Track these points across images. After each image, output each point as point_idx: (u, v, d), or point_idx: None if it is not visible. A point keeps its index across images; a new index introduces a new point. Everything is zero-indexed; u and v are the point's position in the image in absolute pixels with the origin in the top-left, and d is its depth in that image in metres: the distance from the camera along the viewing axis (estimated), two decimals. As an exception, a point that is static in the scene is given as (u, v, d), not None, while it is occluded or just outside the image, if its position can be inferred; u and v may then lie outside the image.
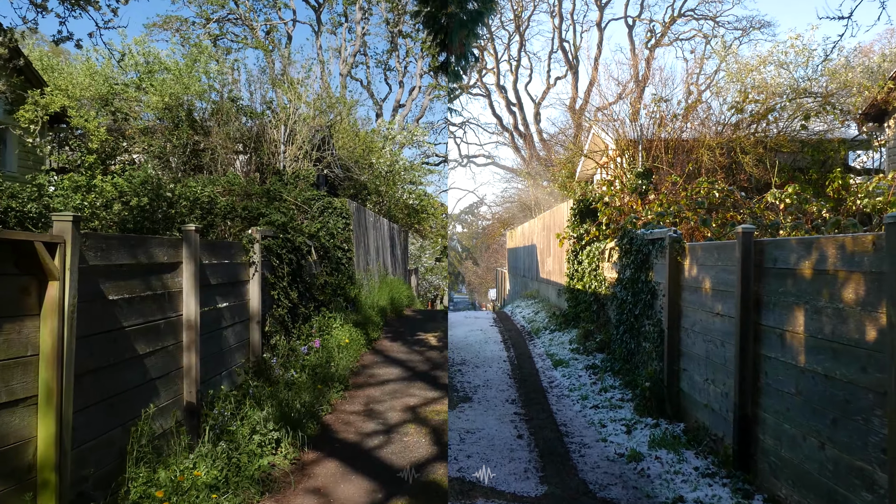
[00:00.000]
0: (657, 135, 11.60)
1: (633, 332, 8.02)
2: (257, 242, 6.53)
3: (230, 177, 9.50)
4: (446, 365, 8.79)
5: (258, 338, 6.53)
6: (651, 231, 7.47)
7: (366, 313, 10.65)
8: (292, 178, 10.20)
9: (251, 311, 6.48)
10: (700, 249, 5.94)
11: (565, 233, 12.02)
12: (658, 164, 11.18)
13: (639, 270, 7.87)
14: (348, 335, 9.05)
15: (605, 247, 10.44)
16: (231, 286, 5.94)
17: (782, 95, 11.73)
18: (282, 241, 7.50)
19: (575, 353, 9.49)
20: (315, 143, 12.49)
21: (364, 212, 14.15)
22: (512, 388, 7.98)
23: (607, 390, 7.58)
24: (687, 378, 6.15)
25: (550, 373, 8.74)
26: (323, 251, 10.33)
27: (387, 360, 9.03)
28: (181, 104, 10.87)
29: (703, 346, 5.73)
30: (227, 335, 5.77)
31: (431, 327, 12.00)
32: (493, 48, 39.68)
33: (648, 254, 7.60)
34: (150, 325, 4.29)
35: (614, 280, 9.61)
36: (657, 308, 7.19)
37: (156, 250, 4.39)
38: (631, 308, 8.11)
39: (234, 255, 6.06)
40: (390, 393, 7.34)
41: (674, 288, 6.53)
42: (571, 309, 11.51)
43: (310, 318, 8.72)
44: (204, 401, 5.00)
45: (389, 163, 19.31)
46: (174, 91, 10.40)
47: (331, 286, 10.10)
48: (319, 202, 11.15)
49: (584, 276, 11.37)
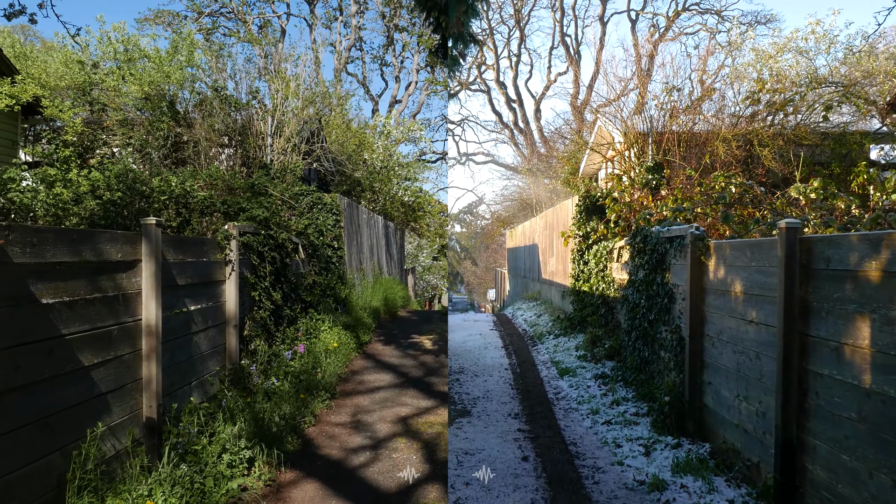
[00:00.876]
0: (668, 126, 11.04)
1: (647, 339, 7.46)
2: (234, 239, 5.94)
3: (212, 170, 8.91)
4: (442, 370, 8.22)
5: (235, 343, 5.95)
6: (668, 228, 6.91)
7: (357, 315, 10.07)
8: (279, 173, 9.61)
9: (227, 314, 5.90)
10: (728, 248, 5.37)
11: (570, 231, 11.46)
12: (670, 157, 10.63)
13: (654, 271, 7.31)
14: (337, 338, 8.48)
15: (613, 246, 9.89)
16: (203, 287, 5.36)
17: (801, 85, 11.18)
18: (263, 237, 6.91)
19: (582, 361, 8.92)
20: (304, 135, 11.91)
21: (357, 208, 13.57)
22: (515, 400, 7.41)
23: (619, 403, 7.02)
24: (712, 392, 5.59)
25: (556, 382, 8.17)
26: (311, 249, 9.75)
27: (378, 365, 8.46)
28: (162, 94, 10.26)
29: (732, 358, 5.16)
30: (197, 341, 5.18)
31: (427, 329, 11.43)
32: (492, 43, 39.20)
33: (665, 253, 7.05)
34: (98, 332, 3.70)
35: (624, 282, 9.05)
36: (675, 313, 6.63)
37: (107, 246, 3.80)
38: (644, 313, 7.55)
39: (206, 252, 5.47)
40: (381, 402, 6.77)
41: (696, 291, 5.96)
42: (577, 312, 10.95)
43: (296, 320, 8.14)
44: (167, 416, 4.41)
45: (384, 158, 18.72)
46: (153, 79, 9.80)
47: (319, 286, 9.52)
48: (308, 198, 10.56)
49: (590, 278, 10.82)
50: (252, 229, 6.68)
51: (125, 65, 10.46)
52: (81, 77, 10.06)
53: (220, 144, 11.09)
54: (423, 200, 22.87)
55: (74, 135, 9.92)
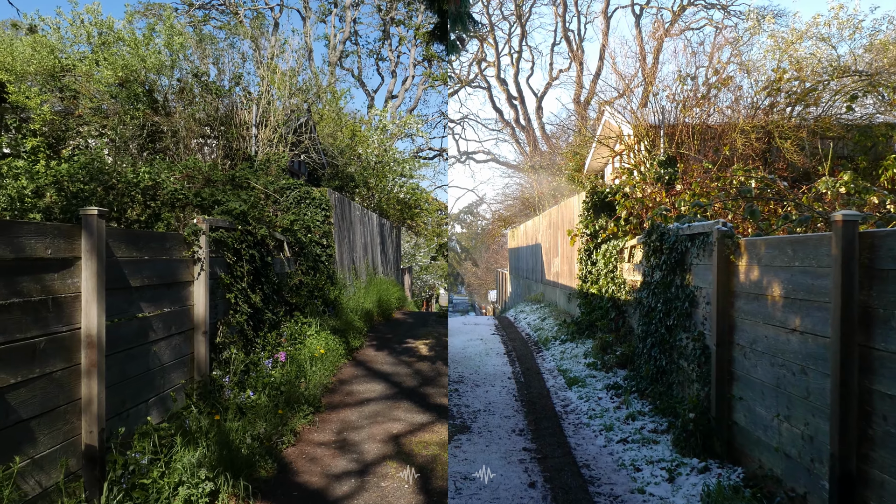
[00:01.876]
0: (681, 118, 10.45)
1: (665, 347, 6.86)
2: (203, 234, 5.33)
3: (189, 161, 8.31)
4: (439, 380, 7.62)
5: (205, 352, 5.34)
6: (689, 225, 6.30)
7: (347, 318, 9.46)
8: (263, 164, 9.02)
9: (195, 319, 5.29)
10: (764, 246, 4.77)
11: (577, 229, 10.87)
12: (684, 150, 10.03)
13: (672, 272, 6.72)
14: (325, 344, 7.87)
15: (623, 245, 9.29)
16: (165, 289, 4.75)
17: (823, 73, 10.59)
18: (240, 233, 6.31)
19: (591, 370, 8.32)
20: (292, 126, 11.31)
21: (349, 204, 12.96)
22: (519, 414, 6.80)
23: (635, 418, 6.42)
24: (744, 409, 4.99)
25: (564, 393, 7.57)
26: (298, 247, 9.15)
27: (369, 373, 7.85)
28: (138, 80, 9.65)
29: (769, 372, 4.56)
30: (157, 351, 4.57)
31: (423, 333, 10.82)
32: (493, 39, 38.64)
33: (685, 252, 6.45)
34: (17, 345, 3.09)
35: (637, 284, 8.45)
36: (697, 319, 6.03)
37: (30, 241, 3.19)
38: (661, 318, 6.95)
39: (169, 249, 4.86)
40: (370, 416, 6.17)
41: (723, 295, 5.37)
42: (585, 316, 10.35)
43: (279, 324, 7.54)
44: (113, 442, 3.80)
45: (379, 153, 18.10)
46: (128, 63, 9.19)
47: (307, 287, 8.92)
48: (295, 192, 9.96)
49: (598, 279, 10.22)
50: (227, 224, 6.07)
51: (99, 49, 9.85)
52: (50, 61, 9.44)
53: (203, 135, 10.47)
54: (419, 197, 22.25)
55: (43, 123, 9.30)
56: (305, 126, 12.24)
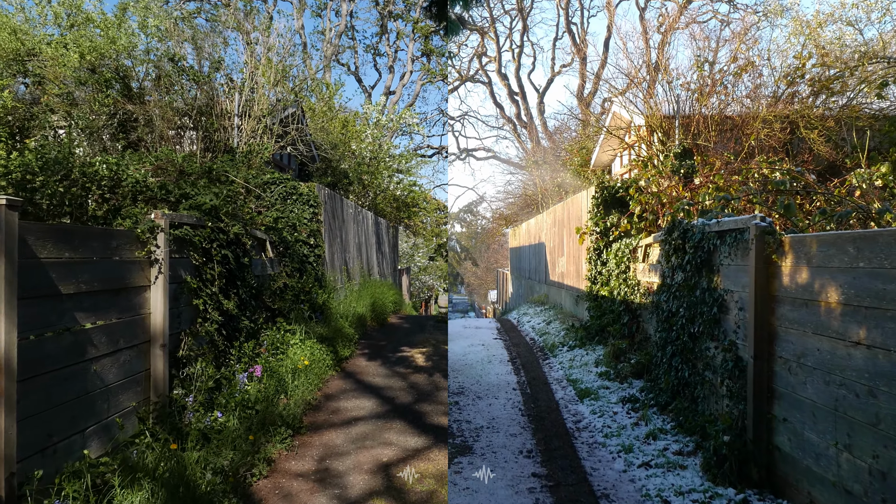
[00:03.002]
0: (699, 107, 9.79)
1: (688, 357, 6.20)
2: (162, 232, 4.67)
3: (161, 152, 7.65)
4: (437, 395, 6.96)
5: (163, 368, 4.67)
6: (718, 221, 5.64)
7: (336, 324, 8.80)
8: (244, 156, 8.36)
9: (152, 330, 4.62)
10: (817, 243, 4.10)
11: (586, 227, 10.21)
12: (702, 141, 9.37)
13: (697, 274, 6.06)
14: (309, 354, 7.21)
15: (637, 243, 8.64)
16: (110, 295, 4.08)
17: (849, 60, 9.92)
18: (210, 230, 5.64)
19: (604, 380, 7.65)
20: (279, 116, 10.65)
21: (341, 201, 12.30)
22: (526, 432, 6.14)
23: (656, 437, 5.76)
24: (788, 432, 4.33)
25: (575, 407, 6.90)
26: (283, 246, 8.49)
27: (359, 387, 7.18)
28: (112, 65, 8.99)
29: (823, 391, 3.91)
30: (99, 370, 3.91)
31: (420, 340, 10.16)
32: (494, 33, 38.00)
33: (712, 251, 5.80)
34: None
35: (653, 285, 7.80)
36: (728, 326, 5.37)
37: None
38: (684, 324, 6.29)
39: (116, 248, 4.20)
40: (357, 439, 5.51)
41: (762, 300, 4.71)
42: (594, 320, 9.68)
43: (258, 332, 6.87)
44: (28, 488, 3.13)
45: (374, 149, 17.42)
46: (96, 46, 8.53)
47: (292, 290, 8.26)
48: (281, 187, 9.30)
49: (609, 280, 9.55)
50: (194, 220, 5.40)
51: (67, 31, 9.19)
52: (13, 44, 8.77)
53: (182, 127, 9.80)
54: (416, 195, 21.58)
55: (5, 111, 8.61)
56: (293, 118, 11.58)
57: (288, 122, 11.07)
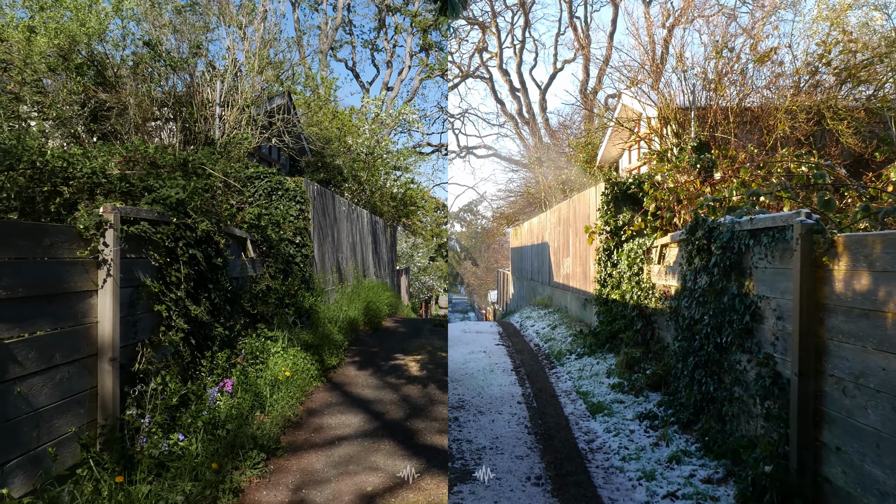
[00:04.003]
0: (717, 98, 9.18)
1: (713, 370, 5.59)
2: (111, 228, 4.05)
3: (132, 143, 7.05)
4: (433, 410, 6.35)
5: (113, 385, 4.06)
6: (752, 218, 5.02)
7: (324, 330, 8.18)
8: (223, 148, 7.75)
9: (100, 342, 4.01)
10: (881, 244, 3.49)
11: (595, 226, 9.59)
12: (721, 133, 8.76)
13: (725, 277, 5.45)
14: (292, 364, 6.60)
15: (652, 243, 8.03)
16: (42, 302, 3.47)
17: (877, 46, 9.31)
18: (175, 227, 5.02)
19: (617, 392, 7.03)
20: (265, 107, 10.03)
21: (333, 198, 11.67)
22: (534, 453, 5.52)
23: (680, 460, 5.15)
24: (843, 464, 3.72)
25: (587, 423, 6.28)
26: (266, 246, 7.89)
27: (346, 400, 6.57)
28: (79, 49, 8.37)
29: (891, 418, 3.29)
30: (25, 392, 3.30)
31: (415, 346, 9.54)
32: (495, 27, 37.37)
33: (743, 252, 5.19)
34: None
35: (671, 289, 7.19)
36: (763, 337, 4.77)
37: None
38: (709, 333, 5.68)
39: (51, 248, 3.59)
40: (341, 463, 4.89)
41: (809, 308, 4.09)
42: (604, 326, 9.06)
43: (234, 341, 6.26)
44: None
45: (370, 144, 16.78)
46: (65, 28, 7.91)
47: (275, 294, 7.65)
48: (265, 181, 8.69)
49: (621, 283, 8.94)
50: (154, 215, 4.79)
51: (37, 14, 8.56)
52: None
53: (162, 118, 9.18)
54: (414, 193, 20.92)
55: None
56: (282, 109, 10.95)
57: (275, 113, 10.45)
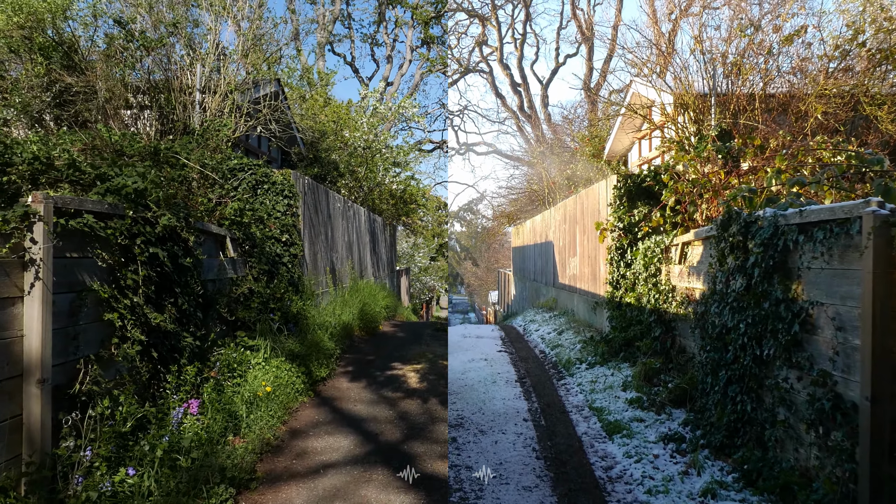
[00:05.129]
0: (740, 82, 8.49)
1: (751, 386, 4.91)
2: (41, 221, 3.36)
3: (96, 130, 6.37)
4: (433, 430, 5.66)
5: (42, 412, 3.37)
6: (801, 209, 4.33)
7: (314, 337, 7.49)
8: (200, 136, 7.06)
9: (26, 360, 3.32)
10: None
11: (607, 223, 8.89)
12: (747, 120, 8.06)
13: (766, 279, 4.75)
14: (273, 377, 5.91)
15: (671, 241, 7.34)
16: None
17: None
18: (131, 222, 4.33)
19: (636, 409, 6.33)
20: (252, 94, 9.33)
21: (326, 193, 10.98)
22: (544, 484, 4.83)
23: (716, 494, 4.46)
24: (937, 514, 3.03)
25: (603, 446, 5.58)
26: (249, 244, 7.20)
27: (335, 418, 5.88)
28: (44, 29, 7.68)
29: None
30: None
31: (414, 354, 8.85)
32: (495, 20, 36.65)
33: (789, 250, 4.51)
34: None
35: (695, 292, 6.50)
36: (817, 351, 4.08)
37: None
38: (746, 343, 4.99)
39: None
40: (325, 498, 4.22)
41: (884, 318, 3.41)
42: (618, 332, 8.37)
43: (207, 352, 5.57)
44: None
45: (368, 138, 16.07)
46: (24, 3, 7.23)
47: (259, 297, 6.96)
48: (249, 173, 8.00)
49: (636, 285, 8.24)
50: (104, 207, 4.10)
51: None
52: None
53: (138, 106, 8.48)
54: (414, 191, 20.20)
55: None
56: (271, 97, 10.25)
57: (262, 101, 9.74)
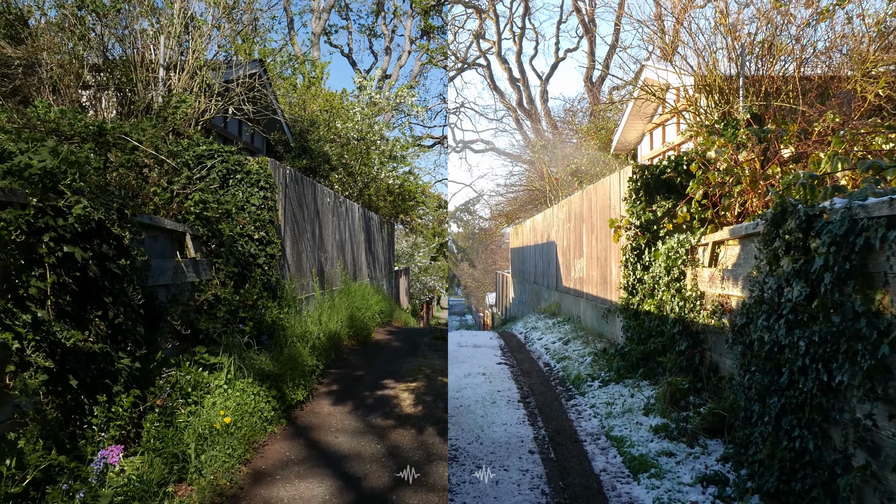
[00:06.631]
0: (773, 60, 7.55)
1: (813, 419, 3.96)
2: None
3: (32, 107, 5.41)
4: (430, 471, 4.71)
5: None
6: (892, 198, 3.37)
7: (291, 351, 6.52)
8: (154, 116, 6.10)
9: None
10: None
11: (622, 220, 7.94)
12: (782, 102, 7.12)
13: (838, 287, 3.80)
14: (236, 404, 4.94)
15: (699, 240, 6.40)
16: None
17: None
18: (35, 212, 3.37)
19: (663, 439, 5.37)
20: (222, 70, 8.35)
21: (313, 186, 10.02)
22: (561, 542, 3.87)
23: (780, 560, 3.50)
24: None
25: (627, 489, 4.62)
26: (216, 243, 6.24)
27: (311, 454, 4.92)
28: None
29: None
30: None
31: (410, 368, 7.88)
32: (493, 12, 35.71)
33: (871, 251, 3.56)
34: None
35: (731, 301, 5.56)
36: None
37: None
38: (807, 366, 4.04)
39: None
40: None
41: None
42: (635, 345, 7.41)
43: (152, 375, 4.60)
44: None
45: (362, 129, 15.08)
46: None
47: (227, 305, 6.00)
48: (218, 160, 7.03)
49: (655, 291, 7.29)
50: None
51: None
52: None
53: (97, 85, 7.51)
54: (413, 188, 19.21)
55: None
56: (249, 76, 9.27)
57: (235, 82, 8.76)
